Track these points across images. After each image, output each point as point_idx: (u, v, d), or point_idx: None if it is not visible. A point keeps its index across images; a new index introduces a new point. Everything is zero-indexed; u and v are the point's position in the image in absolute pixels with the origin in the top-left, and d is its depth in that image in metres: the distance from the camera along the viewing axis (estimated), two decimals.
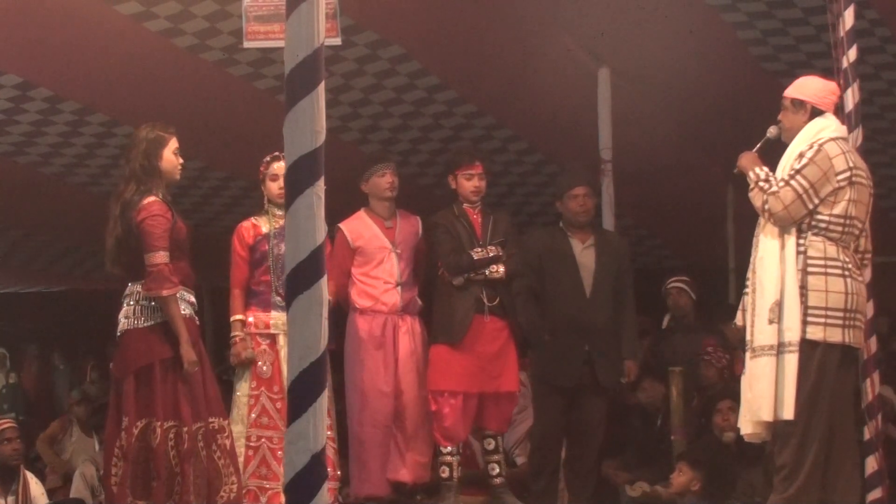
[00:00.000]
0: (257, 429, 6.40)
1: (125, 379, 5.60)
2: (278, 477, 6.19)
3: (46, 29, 6.78)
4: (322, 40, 3.11)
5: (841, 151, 5.33)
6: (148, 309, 5.62)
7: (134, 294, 5.66)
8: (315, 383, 3.06)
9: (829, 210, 5.29)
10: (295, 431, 3.05)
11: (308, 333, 3.06)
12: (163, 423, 5.55)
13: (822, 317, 5.23)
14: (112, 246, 5.68)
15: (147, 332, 5.61)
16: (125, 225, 5.61)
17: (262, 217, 6.58)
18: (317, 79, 3.10)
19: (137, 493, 5.54)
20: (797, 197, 5.26)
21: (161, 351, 5.59)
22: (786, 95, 5.51)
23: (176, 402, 5.58)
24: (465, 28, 7.31)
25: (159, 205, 5.61)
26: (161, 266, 5.54)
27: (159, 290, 5.55)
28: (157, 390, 5.55)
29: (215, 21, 6.87)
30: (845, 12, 5.87)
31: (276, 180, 6.42)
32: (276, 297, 6.38)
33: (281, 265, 6.38)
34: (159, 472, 5.52)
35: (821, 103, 5.44)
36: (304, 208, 3.08)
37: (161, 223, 5.58)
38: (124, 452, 5.55)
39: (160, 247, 5.56)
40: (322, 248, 3.12)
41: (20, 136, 8.22)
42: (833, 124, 5.43)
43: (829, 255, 5.28)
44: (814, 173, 5.27)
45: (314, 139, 3.09)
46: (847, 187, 5.30)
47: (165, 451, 5.54)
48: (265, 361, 6.43)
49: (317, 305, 3.07)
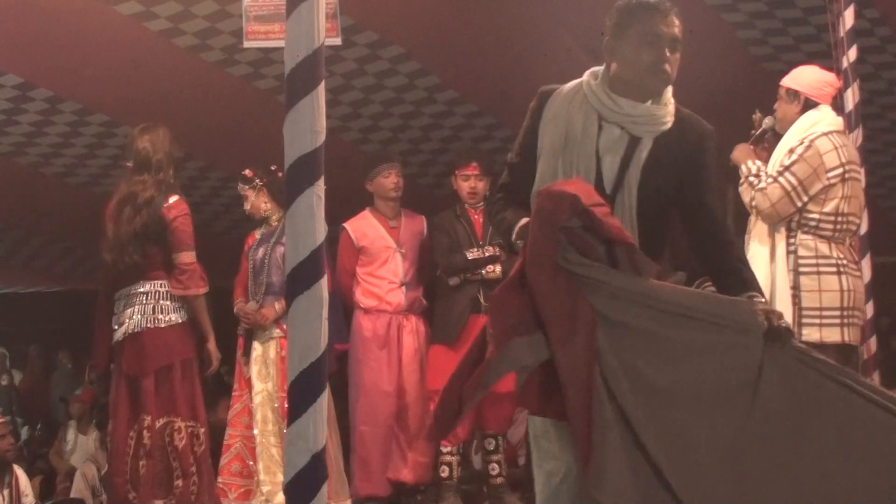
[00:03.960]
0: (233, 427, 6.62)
1: (144, 377, 5.59)
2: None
3: (46, 29, 6.78)
4: (322, 40, 3.11)
5: (833, 147, 5.20)
6: (167, 309, 5.63)
7: (151, 293, 5.65)
8: (315, 383, 3.06)
9: (819, 208, 5.17)
10: (295, 431, 3.04)
11: (308, 333, 3.06)
12: (185, 423, 5.57)
13: (816, 317, 5.13)
14: (134, 233, 5.60)
15: (167, 332, 5.64)
16: (152, 213, 5.58)
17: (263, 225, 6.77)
18: (317, 79, 3.10)
19: (158, 492, 5.56)
20: (785, 194, 5.15)
21: (181, 351, 5.63)
22: (782, 84, 5.41)
23: (193, 402, 5.61)
24: (465, 28, 7.30)
25: (184, 204, 5.66)
26: (194, 265, 5.61)
27: (196, 289, 5.60)
28: (177, 390, 5.59)
29: (215, 21, 6.87)
30: (845, 12, 5.87)
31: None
32: (252, 301, 6.58)
33: (257, 269, 6.50)
34: (185, 470, 5.53)
35: (815, 94, 5.31)
36: (304, 208, 3.08)
37: (189, 223, 5.64)
38: (146, 451, 5.54)
39: (191, 246, 5.61)
40: (322, 248, 3.12)
41: (20, 137, 8.22)
42: (827, 118, 5.28)
43: (820, 253, 5.16)
44: (803, 170, 5.16)
45: (314, 139, 3.09)
46: (839, 184, 5.18)
47: (189, 450, 5.57)
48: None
49: (317, 305, 3.07)
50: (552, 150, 3.57)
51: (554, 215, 3.30)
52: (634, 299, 3.27)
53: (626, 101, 3.58)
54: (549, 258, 3.26)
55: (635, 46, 3.58)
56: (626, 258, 3.34)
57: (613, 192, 3.55)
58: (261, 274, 6.61)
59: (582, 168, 3.53)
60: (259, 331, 6.58)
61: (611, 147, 3.56)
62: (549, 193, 3.36)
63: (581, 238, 3.31)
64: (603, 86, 3.62)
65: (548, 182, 3.51)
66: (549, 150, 3.57)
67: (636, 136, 3.58)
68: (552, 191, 3.37)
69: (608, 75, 3.64)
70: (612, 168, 3.56)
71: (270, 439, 6.45)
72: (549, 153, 3.58)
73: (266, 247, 6.64)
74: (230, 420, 6.63)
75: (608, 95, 3.59)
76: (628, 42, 3.58)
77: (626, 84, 3.59)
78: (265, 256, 6.62)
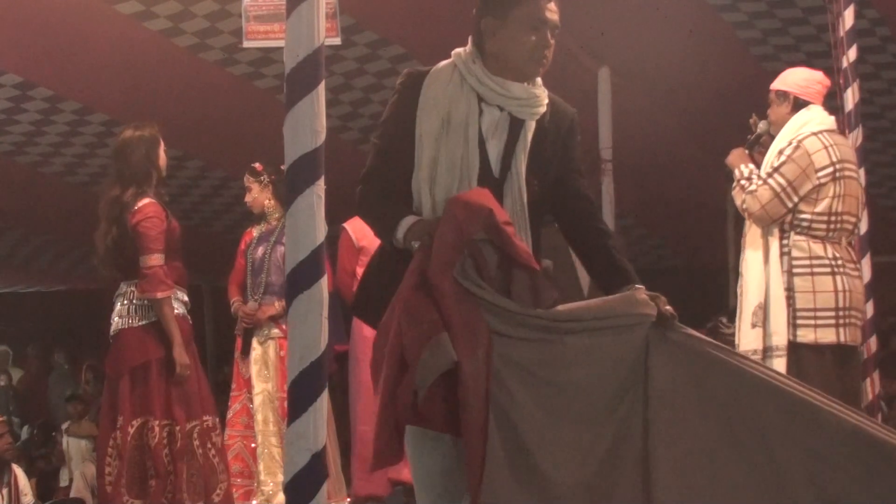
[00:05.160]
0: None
1: (120, 378, 5.59)
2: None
3: (46, 29, 6.78)
4: (322, 40, 3.11)
5: (823, 146, 5.15)
6: (142, 308, 5.62)
7: (128, 293, 5.65)
8: (315, 383, 3.06)
9: (811, 208, 5.12)
10: (295, 431, 3.04)
11: (308, 333, 3.06)
12: (160, 422, 5.56)
13: (811, 318, 5.07)
14: (107, 249, 5.65)
15: (142, 331, 5.61)
16: (121, 227, 5.60)
17: (261, 223, 6.76)
18: (317, 79, 3.09)
19: (133, 491, 5.54)
20: (774, 196, 5.11)
21: (156, 350, 5.59)
22: (771, 88, 5.36)
23: (169, 401, 5.59)
24: (466, 28, 7.30)
25: (154, 206, 5.61)
26: (156, 269, 5.55)
27: (154, 292, 5.55)
28: (153, 389, 5.55)
29: (215, 21, 6.88)
30: (845, 12, 5.87)
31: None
32: (251, 300, 6.56)
33: (256, 268, 6.51)
34: (158, 470, 5.52)
35: (804, 94, 5.26)
36: (305, 208, 3.08)
37: (156, 225, 5.58)
38: (119, 451, 5.54)
39: (155, 249, 5.56)
40: (322, 248, 3.11)
41: (20, 136, 8.23)
42: (817, 117, 5.23)
43: (814, 253, 5.11)
44: (792, 171, 5.11)
45: (314, 139, 3.08)
46: (830, 183, 5.12)
47: (162, 449, 5.55)
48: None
49: (317, 305, 3.06)
50: (431, 135, 3.43)
51: (466, 225, 3.23)
52: (524, 321, 3.24)
53: (510, 82, 3.47)
54: (452, 267, 3.21)
55: (518, 29, 3.47)
56: (526, 282, 3.28)
57: (501, 177, 3.45)
58: (260, 273, 6.60)
59: (467, 152, 3.41)
60: (258, 330, 6.57)
61: (493, 130, 3.46)
62: (464, 203, 3.27)
63: (480, 253, 3.25)
64: (479, 66, 3.50)
65: (429, 170, 3.40)
66: (428, 135, 3.43)
67: (518, 119, 3.48)
68: (466, 201, 3.28)
69: (482, 55, 3.52)
70: (496, 152, 3.46)
71: (271, 440, 6.45)
72: (429, 138, 3.43)
73: (266, 246, 6.64)
74: (229, 420, 6.62)
75: (489, 77, 3.48)
76: (511, 24, 3.48)
77: (502, 65, 3.48)
78: (265, 256, 6.61)
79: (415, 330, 3.17)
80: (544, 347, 3.24)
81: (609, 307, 3.35)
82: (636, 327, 3.30)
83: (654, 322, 3.30)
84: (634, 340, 3.29)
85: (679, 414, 3.25)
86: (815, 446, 3.23)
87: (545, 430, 3.20)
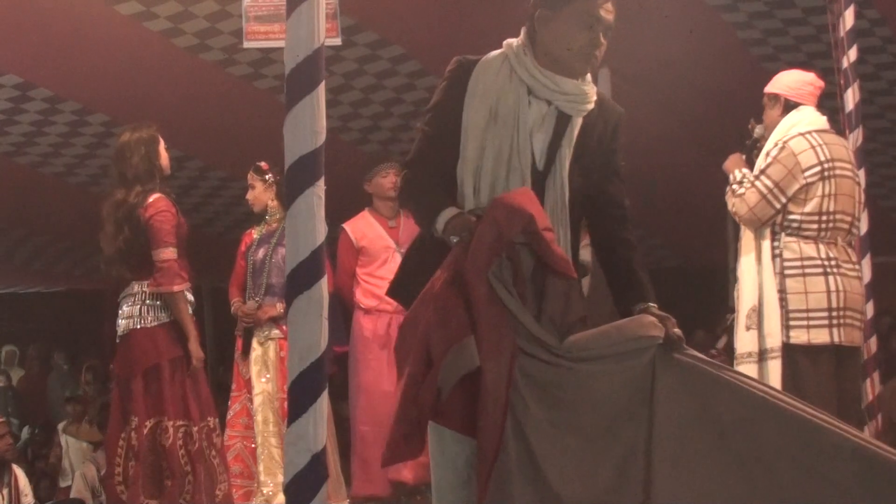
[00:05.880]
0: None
1: (132, 378, 5.58)
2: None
3: (46, 29, 6.78)
4: (322, 40, 3.11)
5: (810, 146, 5.13)
6: (154, 308, 5.61)
7: (139, 294, 5.64)
8: (315, 383, 3.06)
9: (800, 208, 5.10)
10: (295, 432, 3.04)
11: (308, 333, 3.06)
12: (174, 422, 5.56)
13: (804, 319, 5.06)
14: (119, 251, 5.63)
15: (154, 332, 5.60)
16: (133, 226, 5.58)
17: (262, 224, 6.78)
18: (317, 79, 3.09)
19: (149, 492, 5.54)
20: (761, 198, 5.10)
21: (169, 350, 5.58)
22: (764, 91, 5.36)
23: (185, 401, 5.59)
24: (466, 28, 7.30)
25: (165, 201, 5.62)
26: (171, 262, 5.55)
27: (170, 285, 5.54)
28: (165, 389, 5.55)
29: (215, 21, 6.88)
30: (845, 12, 5.87)
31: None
32: (250, 301, 6.58)
33: (257, 270, 6.51)
34: (174, 471, 5.52)
35: (794, 95, 5.25)
36: (305, 208, 3.08)
37: (169, 219, 5.58)
38: (135, 452, 5.53)
39: (169, 242, 5.56)
40: (322, 249, 3.11)
41: (20, 137, 8.23)
42: (807, 117, 5.21)
43: (805, 254, 5.09)
44: (778, 172, 5.10)
45: (314, 139, 3.08)
46: (818, 182, 5.09)
47: (177, 449, 5.55)
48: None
49: (317, 305, 3.06)
50: (478, 125, 3.42)
51: (506, 228, 3.24)
52: (540, 344, 3.25)
53: (560, 77, 3.45)
54: (488, 268, 3.22)
55: (571, 24, 3.44)
56: (560, 289, 3.29)
57: (545, 171, 3.43)
58: (261, 275, 6.61)
59: (515, 145, 3.40)
60: (258, 331, 6.57)
61: (540, 124, 3.44)
62: (506, 206, 3.28)
63: (517, 256, 3.26)
64: (530, 58, 3.47)
65: (474, 160, 3.39)
66: (475, 125, 3.42)
67: (565, 114, 3.46)
68: (509, 204, 3.29)
69: (532, 48, 3.49)
70: (541, 146, 3.44)
71: (271, 440, 6.45)
72: (475, 129, 3.42)
73: (267, 248, 6.64)
74: (229, 421, 6.62)
75: (539, 70, 3.45)
76: (565, 19, 3.43)
77: (552, 60, 3.45)
78: (266, 257, 6.62)
79: (443, 330, 3.19)
80: (555, 369, 3.26)
81: (619, 333, 3.35)
82: (644, 351, 3.31)
83: (661, 344, 3.31)
84: (641, 362, 3.30)
85: (684, 436, 3.26)
86: (818, 467, 3.23)
87: (554, 446, 3.22)
